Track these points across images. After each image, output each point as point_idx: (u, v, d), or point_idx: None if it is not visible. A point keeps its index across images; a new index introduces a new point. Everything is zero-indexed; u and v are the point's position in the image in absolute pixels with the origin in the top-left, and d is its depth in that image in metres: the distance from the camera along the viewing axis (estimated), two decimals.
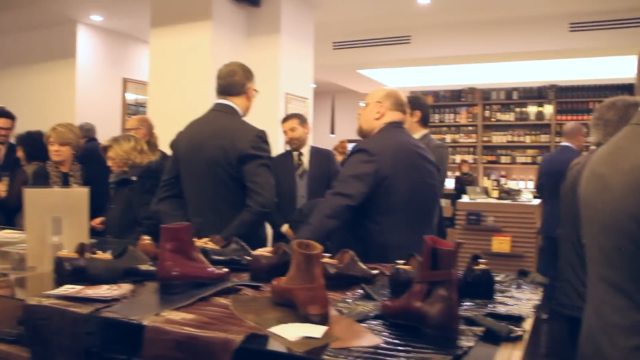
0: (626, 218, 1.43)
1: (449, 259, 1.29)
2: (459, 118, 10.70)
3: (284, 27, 5.29)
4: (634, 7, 6.02)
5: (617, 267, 1.49)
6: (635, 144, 1.50)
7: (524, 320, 1.51)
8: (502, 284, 1.95)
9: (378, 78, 9.21)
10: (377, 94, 2.78)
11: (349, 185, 2.51)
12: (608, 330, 1.51)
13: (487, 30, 6.89)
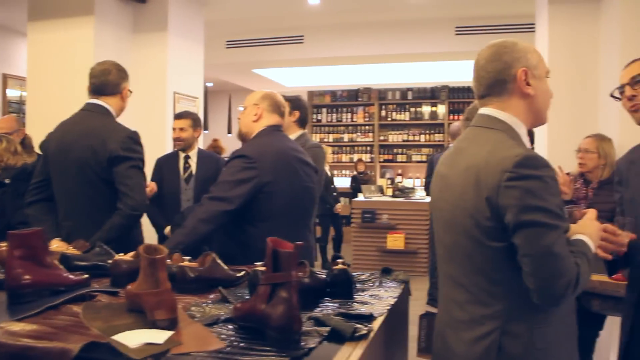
0: (462, 215, 1.50)
1: (289, 261, 1.30)
2: (356, 117, 10.90)
3: (171, 24, 5.17)
4: (516, 14, 6.31)
5: (457, 263, 1.56)
6: (472, 145, 1.57)
7: (374, 319, 1.54)
8: (365, 283, 1.99)
9: (274, 77, 9.22)
10: (254, 96, 2.77)
11: (226, 190, 2.49)
12: (453, 325, 1.58)
13: (377, 32, 7.05)
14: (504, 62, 1.56)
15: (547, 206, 1.39)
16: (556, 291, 1.38)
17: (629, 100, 1.98)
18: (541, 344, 1.46)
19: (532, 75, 1.56)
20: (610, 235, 1.87)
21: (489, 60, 1.59)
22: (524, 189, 1.39)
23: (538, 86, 1.58)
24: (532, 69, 1.57)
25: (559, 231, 1.40)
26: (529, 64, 1.56)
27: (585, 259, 1.48)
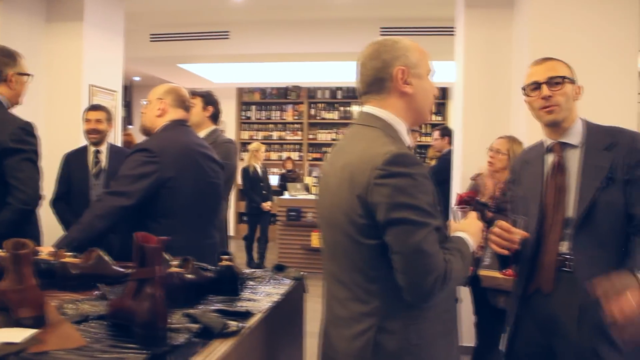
0: (339, 212, 1.51)
1: (154, 256, 1.27)
2: (285, 115, 10.88)
3: (88, 14, 4.99)
4: (439, 17, 6.44)
5: (337, 261, 1.56)
6: (351, 142, 1.58)
7: (252, 316, 1.53)
8: (256, 279, 1.98)
9: (201, 73, 9.07)
10: (158, 90, 2.71)
11: (125, 185, 2.42)
12: (335, 322, 1.59)
13: (304, 30, 7.05)
14: (383, 60, 1.57)
15: (417, 204, 1.41)
16: (424, 288, 1.39)
17: (543, 99, 1.98)
18: (416, 340, 1.49)
19: (412, 74, 1.58)
20: (504, 232, 1.94)
21: (369, 58, 1.59)
22: (393, 186, 1.40)
23: (418, 85, 1.59)
24: (412, 68, 1.58)
25: (428, 228, 1.41)
26: (408, 63, 1.57)
27: (460, 256, 1.50)
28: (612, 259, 1.87)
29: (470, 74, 4.52)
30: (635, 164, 1.88)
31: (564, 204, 1.95)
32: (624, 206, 1.88)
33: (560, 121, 1.99)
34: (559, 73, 1.98)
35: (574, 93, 2.00)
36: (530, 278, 2.03)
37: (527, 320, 2.04)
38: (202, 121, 3.55)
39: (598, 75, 3.62)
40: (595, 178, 1.90)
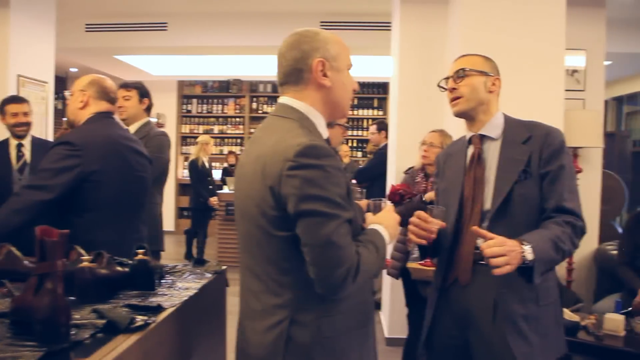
0: (251, 204, 1.49)
1: (54, 250, 1.23)
2: (226, 109, 10.77)
3: (14, 1, 4.83)
4: (378, 12, 6.47)
5: (251, 253, 1.55)
6: (265, 133, 1.56)
7: (162, 310, 1.50)
8: (175, 274, 1.94)
9: (140, 65, 8.88)
10: (81, 82, 2.63)
11: (46, 179, 2.34)
12: (250, 314, 1.57)
13: (243, 23, 6.98)
14: (302, 51, 1.56)
15: (327, 195, 1.40)
16: (335, 280, 1.39)
17: (450, 92, 2.04)
18: (329, 333, 1.49)
19: (331, 66, 1.57)
20: (422, 222, 1.95)
21: (289, 48, 1.58)
22: (303, 178, 1.40)
23: (336, 78, 1.59)
24: (331, 60, 1.57)
25: (339, 220, 1.41)
26: (327, 55, 1.57)
27: (374, 248, 1.51)
28: None
29: (405, 68, 4.57)
30: (548, 158, 1.93)
31: (482, 196, 1.98)
32: (538, 199, 1.93)
33: (465, 112, 2.03)
34: (463, 66, 2.02)
35: (489, 85, 2.03)
36: (448, 269, 2.06)
37: (445, 312, 2.07)
38: (138, 113, 3.51)
39: (527, 72, 3.70)
40: (511, 171, 1.94)
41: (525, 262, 1.72)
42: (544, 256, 1.76)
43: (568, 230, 1.85)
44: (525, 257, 1.72)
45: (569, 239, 1.84)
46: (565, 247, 1.83)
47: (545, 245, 1.78)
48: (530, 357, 1.89)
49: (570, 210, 1.89)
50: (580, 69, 4.72)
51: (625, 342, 2.99)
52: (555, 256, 1.82)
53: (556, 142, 1.95)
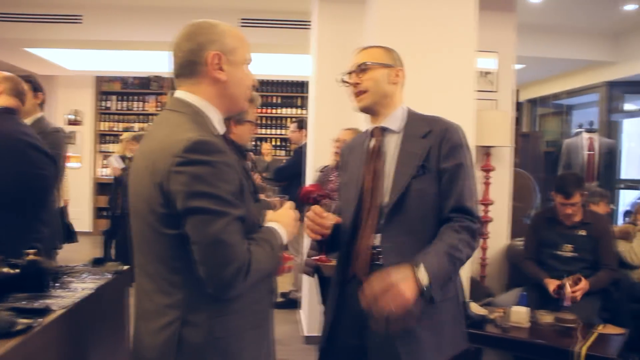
0: (142, 201, 1.45)
1: None
2: (147, 106, 10.47)
3: None
4: (298, 10, 6.47)
5: (143, 251, 1.50)
6: (157, 128, 1.52)
7: (50, 313, 1.43)
8: (73, 275, 1.86)
9: (54, 59, 8.50)
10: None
11: None
12: (143, 315, 1.52)
13: (162, 18, 6.79)
14: (198, 43, 1.52)
15: (216, 192, 1.37)
16: (224, 279, 1.36)
17: (354, 87, 2.01)
18: (222, 333, 1.45)
19: (227, 60, 1.53)
20: (317, 217, 1.93)
21: (184, 40, 1.54)
22: (191, 174, 1.36)
23: (233, 72, 1.55)
24: (228, 54, 1.54)
25: (228, 218, 1.38)
26: (224, 48, 1.53)
27: (268, 246, 1.49)
28: (419, 248, 1.88)
29: (323, 67, 4.58)
30: (446, 154, 1.92)
31: (380, 190, 1.96)
32: (434, 195, 1.92)
33: (370, 106, 2.01)
34: (365, 59, 2.00)
35: (392, 77, 2.01)
36: (347, 265, 2.03)
37: (345, 309, 2.04)
38: (32, 108, 3.35)
39: (440, 73, 3.78)
40: (410, 165, 1.93)
41: (422, 287, 1.72)
42: (440, 273, 1.78)
43: (464, 236, 1.86)
44: (421, 283, 1.72)
45: (466, 246, 1.86)
46: (462, 255, 1.86)
47: (441, 260, 1.79)
48: (417, 355, 1.88)
49: (468, 211, 1.91)
50: (493, 71, 4.87)
51: (529, 334, 3.11)
52: (452, 268, 1.85)
53: (455, 138, 1.95)
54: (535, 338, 3.06)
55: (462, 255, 1.85)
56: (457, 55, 3.85)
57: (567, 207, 3.77)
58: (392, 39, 3.83)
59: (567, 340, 2.94)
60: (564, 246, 3.80)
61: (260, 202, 2.03)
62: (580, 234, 3.80)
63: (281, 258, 1.57)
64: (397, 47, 3.63)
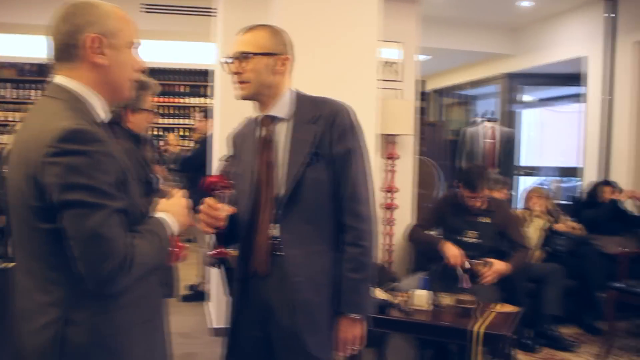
0: (16, 194, 1.36)
1: None
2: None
3: None
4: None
5: (21, 247, 1.42)
6: (33, 117, 1.43)
7: None
8: None
9: None
10: None
11: None
12: (23, 314, 1.44)
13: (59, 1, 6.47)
14: (75, 24, 1.42)
15: (93, 184, 1.29)
16: (103, 274, 1.30)
17: (234, 74, 1.94)
18: (108, 331, 1.39)
19: (109, 43, 1.44)
20: (210, 209, 1.87)
21: (61, 20, 1.43)
22: (66, 165, 1.28)
23: (115, 57, 1.45)
24: (109, 37, 1.44)
25: (107, 211, 1.31)
26: (104, 31, 1.43)
27: (155, 238, 1.43)
28: (319, 236, 1.91)
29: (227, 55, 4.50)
30: (337, 139, 1.90)
31: (275, 181, 1.93)
32: (329, 182, 1.91)
33: (252, 96, 1.95)
34: (247, 48, 1.91)
35: (278, 66, 1.94)
36: (247, 259, 2.00)
37: (247, 304, 2.01)
38: None
39: (343, 62, 3.81)
40: (302, 153, 1.90)
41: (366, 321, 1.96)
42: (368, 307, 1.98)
43: (356, 251, 1.91)
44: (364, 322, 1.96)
45: (364, 258, 1.92)
46: (366, 268, 1.93)
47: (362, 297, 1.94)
48: (321, 345, 1.90)
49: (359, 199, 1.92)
50: (397, 61, 4.96)
51: (431, 316, 3.20)
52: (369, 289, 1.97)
53: (345, 122, 1.93)
54: (436, 320, 3.16)
55: (365, 269, 1.93)
56: (360, 44, 3.88)
57: (474, 200, 3.91)
58: (297, 28, 3.81)
59: (466, 321, 3.05)
60: (468, 232, 3.95)
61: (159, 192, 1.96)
62: (484, 221, 3.96)
63: (172, 248, 1.51)
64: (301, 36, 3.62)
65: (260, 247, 1.95)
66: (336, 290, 1.92)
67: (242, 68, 1.92)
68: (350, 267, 1.90)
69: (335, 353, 1.96)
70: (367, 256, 1.92)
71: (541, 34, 7.02)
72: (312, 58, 3.71)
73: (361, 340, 1.97)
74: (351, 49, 3.84)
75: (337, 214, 1.93)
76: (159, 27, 6.60)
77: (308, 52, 3.71)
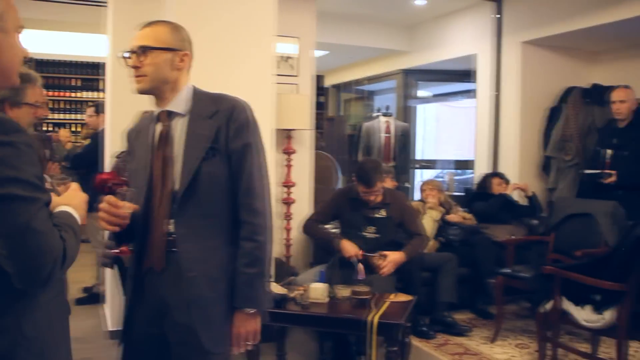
0: None
1: None
2: None
3: None
4: None
5: None
6: None
7: None
8: None
9: None
10: None
11: None
12: None
13: None
14: None
15: (24, 177, 1.22)
16: (41, 272, 1.22)
17: (133, 68, 1.90)
18: (32, 332, 1.30)
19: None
20: (112, 208, 1.82)
21: None
22: None
23: (4, 39, 1.34)
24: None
25: (39, 204, 1.24)
26: None
27: (72, 232, 1.35)
28: (215, 231, 1.89)
29: (119, 48, 4.32)
30: (234, 134, 1.90)
31: (171, 176, 1.90)
32: (227, 177, 1.90)
33: (149, 91, 1.92)
34: (147, 42, 1.89)
35: (176, 62, 1.92)
36: (142, 256, 1.95)
37: (142, 301, 1.96)
38: None
39: (240, 57, 3.78)
40: (198, 148, 1.89)
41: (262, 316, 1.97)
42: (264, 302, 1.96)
43: (251, 245, 1.90)
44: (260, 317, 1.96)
45: (258, 253, 1.91)
46: (261, 263, 1.91)
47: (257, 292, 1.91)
48: (216, 341, 1.89)
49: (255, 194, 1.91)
50: (293, 55, 4.98)
51: (328, 308, 3.24)
52: (264, 284, 1.95)
53: (242, 117, 1.93)
54: (332, 312, 3.20)
55: (260, 263, 1.91)
56: (257, 39, 3.86)
57: (370, 195, 3.98)
58: (192, 22, 3.72)
59: (362, 311, 3.11)
60: (367, 227, 4.03)
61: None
62: (381, 216, 4.05)
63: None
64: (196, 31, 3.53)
65: (155, 243, 1.91)
66: (232, 285, 1.91)
67: (140, 62, 1.88)
68: (245, 262, 1.90)
69: (231, 348, 1.95)
70: (262, 251, 1.92)
71: (435, 32, 7.26)
72: (208, 53, 3.65)
73: (256, 335, 1.96)
74: (247, 43, 3.82)
75: (234, 209, 1.92)
76: (48, 16, 6.31)
77: (203, 46, 3.64)
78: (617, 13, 4.95)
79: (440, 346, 4.17)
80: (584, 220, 4.47)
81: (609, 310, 3.13)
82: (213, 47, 3.67)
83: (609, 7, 5.01)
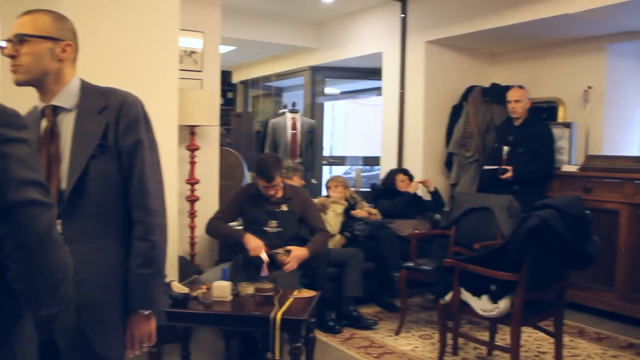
0: None
1: None
2: None
3: None
4: None
5: None
6: None
7: None
8: None
9: None
10: None
11: None
12: None
13: None
14: None
15: (40, 178, 1.11)
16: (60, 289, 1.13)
17: (9, 57, 1.76)
18: (22, 356, 1.20)
19: None
20: None
21: None
22: (9, 156, 1.07)
23: None
24: None
25: (54, 211, 1.13)
26: None
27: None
28: (106, 231, 1.82)
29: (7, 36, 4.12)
30: (124, 131, 1.83)
31: (57, 175, 1.80)
32: (117, 176, 1.84)
33: (28, 83, 1.81)
34: (25, 30, 1.76)
35: (58, 52, 1.80)
36: None
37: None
38: None
39: (142, 52, 3.67)
40: (87, 145, 1.80)
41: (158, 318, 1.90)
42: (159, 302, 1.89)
43: (144, 245, 1.84)
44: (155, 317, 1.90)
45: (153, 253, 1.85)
46: (155, 263, 1.86)
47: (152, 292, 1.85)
48: (109, 344, 1.82)
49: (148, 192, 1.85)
50: (198, 50, 4.88)
51: (231, 306, 3.20)
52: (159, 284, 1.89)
53: (132, 113, 1.85)
54: (236, 310, 3.16)
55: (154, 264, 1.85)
56: (159, 33, 3.76)
57: (270, 189, 3.96)
58: (91, 14, 3.61)
59: (266, 308, 3.08)
60: (269, 222, 4.01)
61: None
62: (283, 210, 4.04)
63: None
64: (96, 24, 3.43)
65: None
66: (126, 287, 1.84)
67: (17, 51, 1.75)
68: (138, 262, 1.83)
69: (127, 351, 1.88)
70: (157, 250, 1.86)
71: (342, 30, 7.33)
72: (110, 46, 3.53)
73: (152, 336, 1.91)
74: (150, 37, 3.72)
75: (126, 208, 1.86)
76: None
77: (104, 40, 3.52)
78: (514, 16, 5.17)
79: (347, 340, 4.22)
80: (482, 214, 4.65)
81: (504, 299, 3.26)
82: (114, 40, 3.55)
83: (507, 10, 5.23)
